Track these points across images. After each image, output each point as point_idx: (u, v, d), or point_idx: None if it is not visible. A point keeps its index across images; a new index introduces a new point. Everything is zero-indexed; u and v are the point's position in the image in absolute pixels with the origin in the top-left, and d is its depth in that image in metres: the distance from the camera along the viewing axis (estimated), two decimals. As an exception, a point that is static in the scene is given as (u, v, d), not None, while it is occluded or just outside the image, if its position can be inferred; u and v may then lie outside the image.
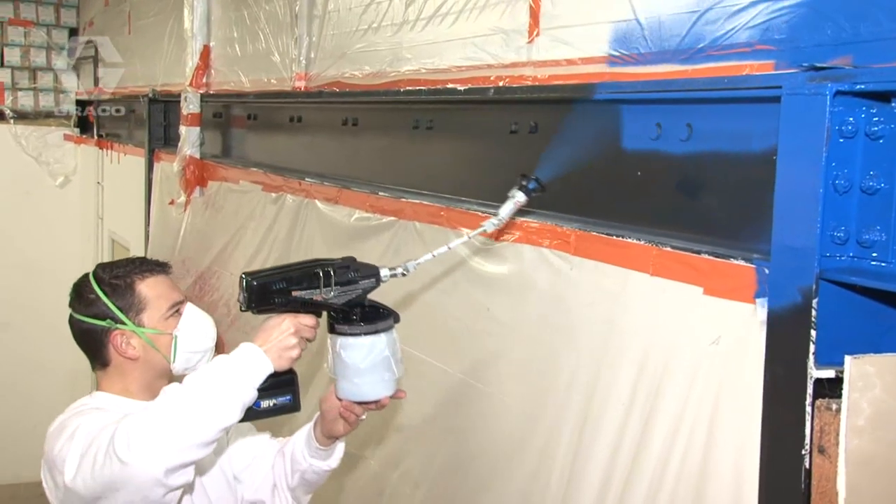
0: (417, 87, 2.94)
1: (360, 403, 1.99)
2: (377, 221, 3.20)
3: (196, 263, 4.87)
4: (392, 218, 3.11)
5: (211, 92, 4.92)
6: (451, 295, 2.72)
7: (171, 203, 5.29)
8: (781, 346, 1.61)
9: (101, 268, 2.07)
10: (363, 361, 1.89)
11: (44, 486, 1.90)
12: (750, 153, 1.80)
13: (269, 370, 1.78)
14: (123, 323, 1.98)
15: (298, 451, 2.15)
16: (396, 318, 1.94)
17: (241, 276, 1.81)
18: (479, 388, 2.57)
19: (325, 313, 1.92)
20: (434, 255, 2.08)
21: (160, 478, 1.63)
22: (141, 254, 5.87)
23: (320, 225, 3.63)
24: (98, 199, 7.47)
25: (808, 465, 1.54)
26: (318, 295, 1.83)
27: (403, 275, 1.97)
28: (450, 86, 2.76)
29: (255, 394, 1.75)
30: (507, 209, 2.18)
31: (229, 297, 4.41)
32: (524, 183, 2.18)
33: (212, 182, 4.92)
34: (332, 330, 1.89)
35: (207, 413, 1.68)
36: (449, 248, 2.13)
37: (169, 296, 2.04)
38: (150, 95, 5.69)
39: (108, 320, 1.99)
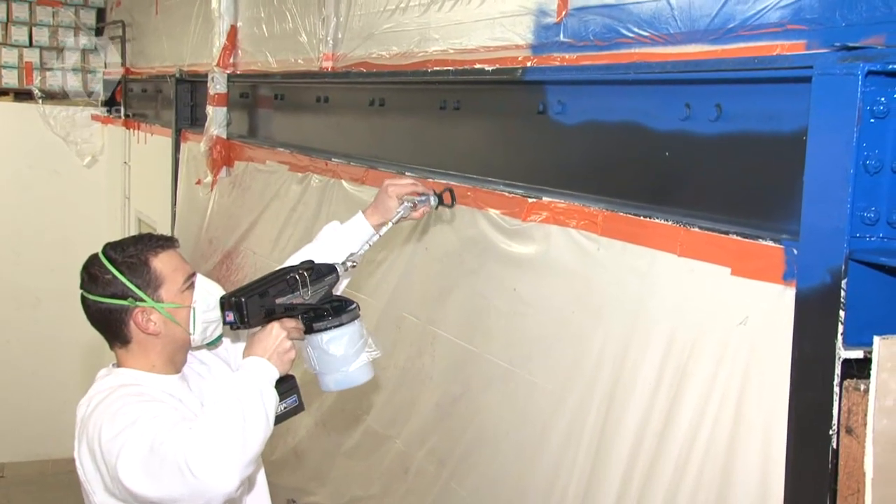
0: (445, 68, 2.95)
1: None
2: (404, 202, 3.21)
3: (223, 243, 4.92)
4: (419, 198, 3.11)
5: (238, 72, 4.94)
6: (478, 275, 2.74)
7: (198, 183, 5.33)
8: (810, 327, 1.62)
9: (111, 247, 2.07)
10: (351, 348, 2.03)
11: (77, 464, 1.93)
12: (780, 133, 1.80)
13: (277, 376, 1.92)
14: (143, 300, 2.00)
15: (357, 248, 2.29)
16: (357, 308, 2.09)
17: (220, 300, 1.96)
18: (506, 368, 2.59)
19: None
20: (370, 245, 2.30)
21: (232, 492, 1.78)
22: (167, 233, 5.93)
23: (346, 205, 3.65)
24: (125, 179, 7.54)
25: (835, 446, 1.56)
26: (298, 298, 1.99)
27: (353, 265, 2.18)
28: (477, 66, 2.77)
29: (276, 400, 1.90)
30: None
31: (253, 276, 4.44)
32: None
33: (238, 162, 4.95)
34: (310, 330, 2.02)
35: (256, 427, 1.82)
36: (379, 236, 2.33)
37: (183, 269, 2.07)
38: (178, 76, 5.72)
39: (130, 299, 2.00)
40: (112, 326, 2.04)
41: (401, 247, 3.18)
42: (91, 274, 2.04)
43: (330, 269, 2.09)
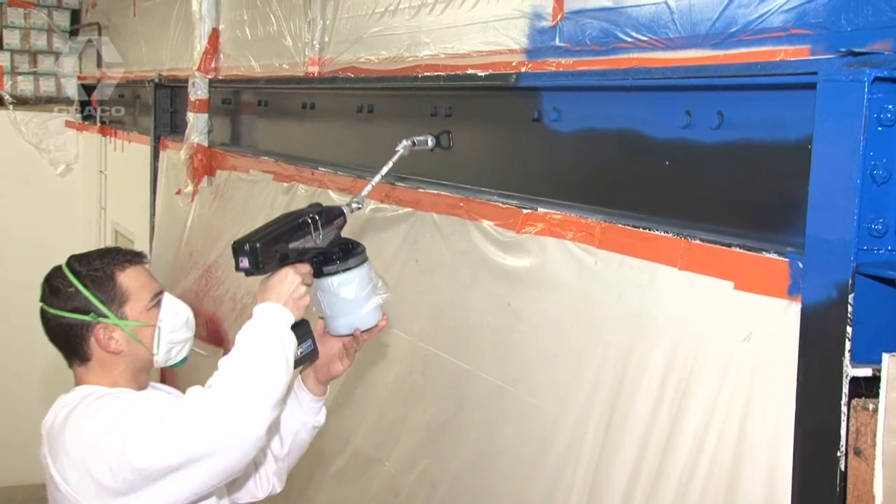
0: (436, 73, 2.96)
1: (364, 331, 2.17)
2: (393, 213, 3.22)
3: (203, 256, 4.91)
4: (409, 209, 3.13)
5: (220, 77, 4.95)
6: (472, 289, 2.74)
7: (178, 193, 5.33)
8: (816, 344, 1.63)
9: (76, 259, 2.06)
10: (361, 291, 2.10)
11: (58, 481, 1.90)
12: (784, 142, 1.81)
13: (292, 321, 1.96)
14: (106, 316, 2.00)
15: (286, 412, 2.22)
16: (364, 248, 2.14)
17: (234, 245, 1.95)
18: (501, 386, 2.60)
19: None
20: (372, 184, 2.31)
21: (262, 435, 1.81)
22: (145, 246, 5.93)
23: (334, 216, 3.65)
24: (101, 189, 7.52)
25: (843, 468, 1.56)
26: (310, 242, 2.01)
27: (358, 207, 2.20)
28: (470, 71, 2.78)
29: (294, 343, 1.95)
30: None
31: (236, 289, 4.45)
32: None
33: (220, 171, 4.95)
34: (320, 273, 2.07)
35: (277, 370, 1.86)
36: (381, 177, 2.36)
37: (150, 286, 2.07)
38: (157, 80, 5.73)
39: (92, 314, 1.99)
40: (72, 342, 2.03)
41: (390, 259, 3.19)
42: (53, 286, 2.03)
43: (338, 211, 2.11)
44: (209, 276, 4.82)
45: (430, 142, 2.57)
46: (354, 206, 2.20)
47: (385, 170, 2.37)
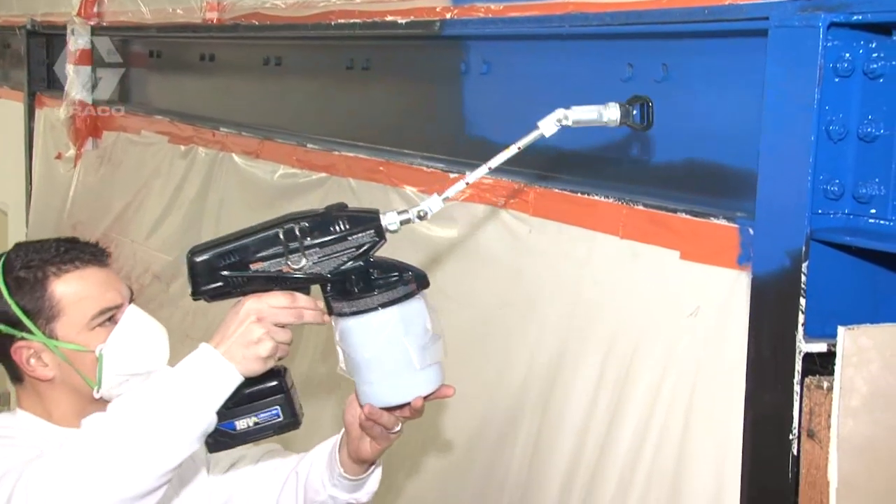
0: (351, 21, 2.93)
1: (388, 409, 1.69)
2: (306, 178, 3.20)
3: (90, 229, 4.81)
4: (323, 174, 3.11)
5: (104, 24, 4.84)
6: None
7: (58, 157, 5.21)
8: (767, 317, 1.66)
9: (18, 250, 1.82)
10: (371, 349, 1.59)
11: None
12: (733, 96, 1.84)
13: (234, 380, 1.52)
14: (31, 332, 1.75)
15: (317, 475, 1.87)
16: (422, 282, 1.61)
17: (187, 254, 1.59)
18: (425, 372, 2.60)
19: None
20: (467, 183, 1.67)
21: None
22: (21, 219, 5.79)
23: (238, 183, 3.61)
24: (-33, 154, 7.35)
25: (796, 452, 1.60)
26: (285, 265, 1.55)
27: (421, 218, 1.60)
28: (389, 18, 2.76)
29: (212, 417, 1.51)
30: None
31: (130, 269, 4.38)
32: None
33: (107, 132, 4.85)
34: (330, 312, 1.61)
35: (140, 456, 1.46)
36: (490, 169, 1.69)
37: (97, 298, 1.78)
38: (29, 27, 5.57)
39: (10, 326, 1.75)
40: (0, 358, 1.80)
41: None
42: None
43: (368, 221, 1.57)
44: (98, 254, 4.73)
45: (614, 115, 1.65)
46: (415, 214, 1.59)
47: (497, 160, 1.67)
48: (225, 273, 1.54)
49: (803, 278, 1.58)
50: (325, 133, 3.18)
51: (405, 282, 1.59)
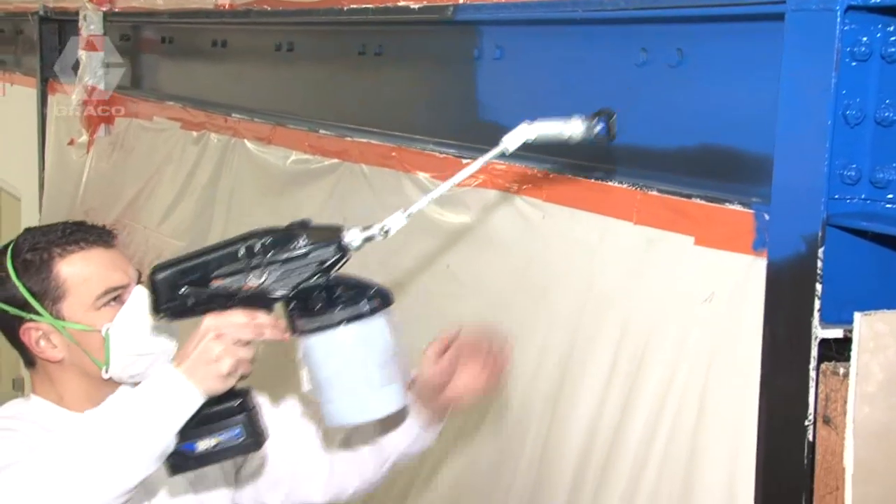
0: (364, 6, 2.92)
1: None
2: (318, 164, 3.19)
3: (102, 215, 4.82)
4: (335, 160, 3.10)
5: (116, 10, 4.84)
6: (405, 249, 2.73)
7: (71, 143, 5.23)
8: (782, 303, 1.65)
9: (26, 234, 1.84)
10: (332, 367, 1.58)
11: None
12: (748, 81, 1.82)
13: (196, 399, 1.51)
14: (38, 313, 1.76)
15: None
16: (385, 299, 1.61)
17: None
18: (437, 358, 2.60)
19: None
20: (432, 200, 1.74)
21: None
22: (34, 205, 5.81)
23: (251, 169, 3.61)
24: (-21, 140, 7.37)
25: (811, 438, 1.59)
26: (246, 282, 1.54)
27: (385, 234, 1.62)
28: (402, 3, 2.75)
29: (172, 438, 1.51)
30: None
31: (143, 255, 4.39)
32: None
33: (120, 119, 4.85)
34: (293, 330, 1.60)
35: (97, 476, 1.46)
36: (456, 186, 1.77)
37: (102, 278, 1.78)
38: (41, 13, 5.58)
39: (18, 308, 1.78)
40: (11, 341, 1.83)
41: (314, 217, 3.14)
42: None
43: (329, 237, 1.58)
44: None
45: (577, 129, 1.73)
46: (378, 231, 1.61)
47: (459, 177, 1.73)
48: (186, 290, 1.53)
49: (819, 264, 1.57)
50: (338, 119, 3.17)
51: (368, 299, 1.58)
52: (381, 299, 1.60)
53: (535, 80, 2.38)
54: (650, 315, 1.97)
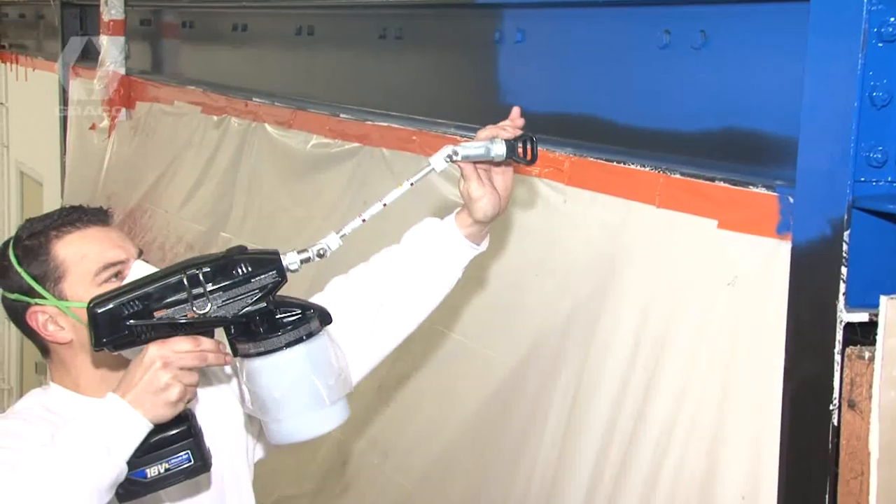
0: (384, -12, 2.93)
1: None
2: (338, 148, 3.19)
3: (124, 200, 4.85)
4: (356, 144, 3.10)
5: (137, -5, 4.86)
6: (425, 233, 2.73)
7: (93, 128, 5.25)
8: (807, 287, 1.64)
9: (27, 223, 1.87)
10: (280, 388, 1.62)
11: None
12: (773, 62, 1.81)
13: (143, 428, 1.55)
14: (42, 297, 1.79)
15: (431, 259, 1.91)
16: (324, 318, 1.65)
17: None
18: (459, 341, 2.60)
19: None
20: (364, 220, 1.76)
21: None
22: (56, 190, 5.84)
23: (271, 153, 3.62)
24: (2, 123, 7.39)
25: (836, 422, 1.58)
26: (190, 311, 1.57)
27: (321, 256, 1.67)
28: (422, -14, 2.75)
29: (122, 467, 1.54)
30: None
31: (164, 238, 4.41)
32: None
33: (140, 103, 4.87)
34: (234, 353, 1.64)
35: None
36: (385, 206, 1.79)
37: (99, 255, 1.80)
38: (63, -2, 5.62)
39: (23, 294, 1.80)
40: (23, 330, 1.85)
41: (335, 201, 3.17)
42: None
43: (269, 262, 1.62)
44: (132, 223, 4.76)
45: (500, 150, 1.74)
46: (315, 252, 1.66)
47: (392, 196, 1.77)
48: (130, 322, 1.56)
49: (845, 247, 1.56)
50: (358, 103, 3.17)
51: (308, 319, 1.62)
52: (321, 318, 1.64)
53: (557, 63, 2.37)
54: (673, 299, 1.96)
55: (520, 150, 1.76)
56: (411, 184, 1.77)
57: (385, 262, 1.95)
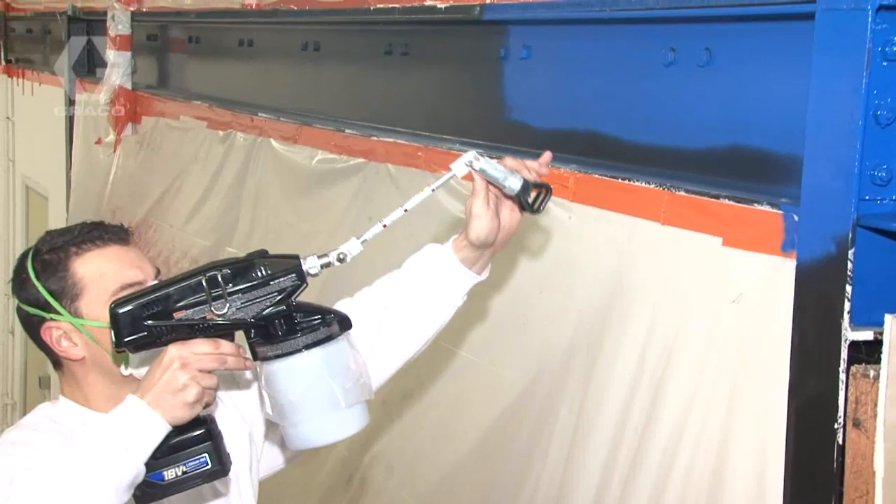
0: (390, 6, 2.93)
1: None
2: (344, 164, 3.20)
3: (129, 214, 4.86)
4: (361, 160, 3.11)
5: (144, 9, 4.87)
6: (430, 249, 2.73)
7: (98, 142, 5.26)
8: (812, 305, 1.65)
9: (46, 236, 1.87)
10: (296, 391, 1.62)
11: None
12: (778, 81, 1.81)
13: (161, 429, 1.56)
14: (58, 312, 1.79)
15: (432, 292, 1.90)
16: (344, 323, 1.67)
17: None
18: (464, 357, 2.60)
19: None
20: (385, 226, 1.78)
21: None
22: (61, 204, 5.85)
23: (276, 168, 3.63)
24: (8, 138, 7.41)
25: (841, 441, 1.58)
26: (209, 312, 1.59)
27: (341, 261, 1.69)
28: (428, 3, 2.75)
29: (140, 468, 1.55)
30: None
31: (169, 253, 4.41)
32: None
33: (146, 118, 4.88)
34: (255, 356, 1.66)
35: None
36: (405, 211, 1.80)
37: (117, 275, 1.80)
38: (70, 13, 5.63)
39: (40, 309, 1.80)
40: (36, 342, 1.85)
41: (340, 216, 3.17)
42: (16, 271, 1.86)
43: (289, 266, 1.64)
44: (137, 238, 4.77)
45: (515, 184, 1.75)
46: (335, 257, 1.67)
47: (413, 202, 1.77)
48: (149, 323, 1.58)
49: (849, 265, 1.57)
50: (364, 118, 3.18)
51: (327, 323, 1.63)
52: (340, 323, 1.65)
53: (562, 79, 2.38)
54: (678, 316, 1.96)
55: (532, 194, 1.77)
56: (433, 189, 1.79)
57: (386, 288, 1.96)
